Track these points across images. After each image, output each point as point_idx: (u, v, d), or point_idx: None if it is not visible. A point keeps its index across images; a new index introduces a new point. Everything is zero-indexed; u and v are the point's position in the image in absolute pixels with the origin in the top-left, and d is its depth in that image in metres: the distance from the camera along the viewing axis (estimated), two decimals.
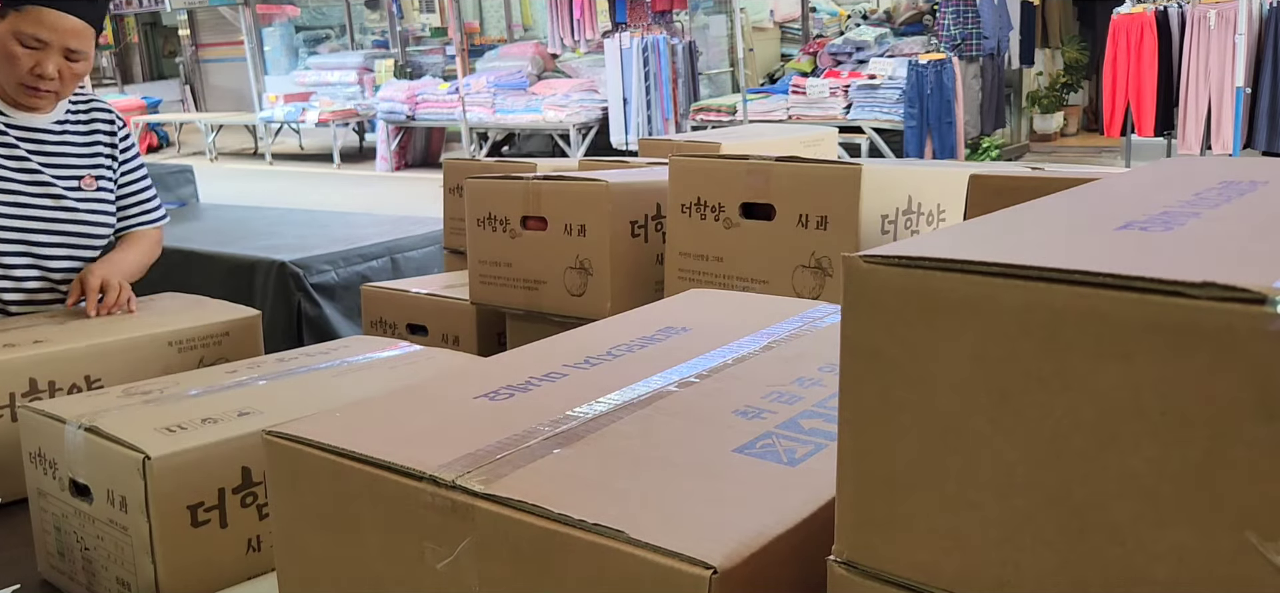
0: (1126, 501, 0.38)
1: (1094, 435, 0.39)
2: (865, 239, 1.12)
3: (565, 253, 1.33)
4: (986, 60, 7.91)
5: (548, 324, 1.35)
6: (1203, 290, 0.36)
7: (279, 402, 1.02)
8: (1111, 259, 0.40)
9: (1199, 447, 0.37)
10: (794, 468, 0.58)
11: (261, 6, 11.99)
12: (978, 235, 0.47)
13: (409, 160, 10.68)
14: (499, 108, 9.68)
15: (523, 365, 0.77)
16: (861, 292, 0.44)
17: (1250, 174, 0.59)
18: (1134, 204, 0.52)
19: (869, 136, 7.72)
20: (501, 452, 0.60)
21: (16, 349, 1.29)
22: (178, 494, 0.91)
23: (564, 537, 0.52)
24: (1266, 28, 6.62)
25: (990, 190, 0.98)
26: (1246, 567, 0.36)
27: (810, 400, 0.68)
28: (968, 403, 0.42)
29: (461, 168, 1.88)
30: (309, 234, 2.82)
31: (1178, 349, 0.36)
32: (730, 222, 1.22)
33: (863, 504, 0.46)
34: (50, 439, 1.00)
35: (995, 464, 0.42)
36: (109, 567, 0.96)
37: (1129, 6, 7.15)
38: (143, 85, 14.79)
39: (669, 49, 8.83)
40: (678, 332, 0.85)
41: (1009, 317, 0.40)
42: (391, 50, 11.49)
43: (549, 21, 10.10)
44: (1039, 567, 0.41)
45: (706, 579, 0.47)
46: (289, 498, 0.66)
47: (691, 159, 1.27)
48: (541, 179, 1.36)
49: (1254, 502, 0.36)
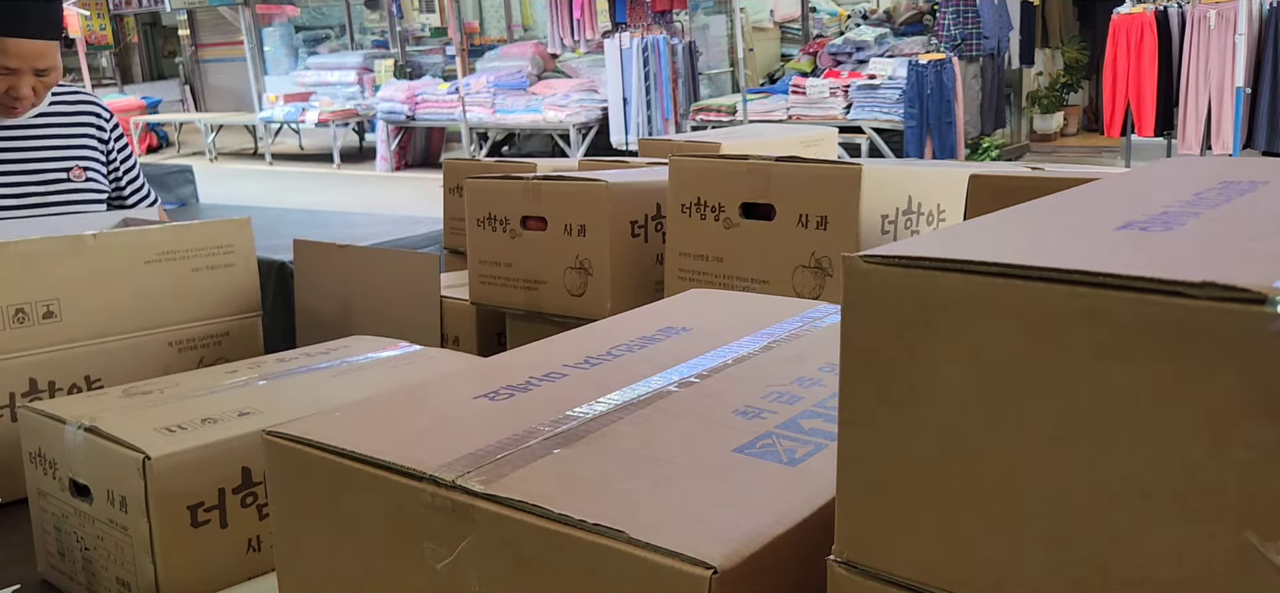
0: (1126, 501, 0.38)
1: (1094, 435, 0.39)
2: (865, 239, 1.12)
3: (565, 253, 1.33)
4: (986, 60, 7.92)
5: (548, 324, 1.35)
6: (1203, 290, 0.36)
7: (279, 402, 1.02)
8: (1111, 259, 0.40)
9: (1199, 447, 0.37)
10: (794, 468, 0.58)
11: (261, 6, 12.00)
12: (978, 235, 0.47)
13: (409, 160, 10.69)
14: (499, 108, 9.68)
15: (523, 365, 0.77)
16: (861, 292, 0.44)
17: (1250, 174, 0.59)
18: (1134, 204, 0.52)
19: (869, 136, 7.72)
20: (501, 452, 0.60)
21: (17, 349, 1.29)
22: (178, 494, 0.91)
23: (564, 537, 0.52)
24: (1266, 28, 6.63)
25: (990, 190, 0.98)
26: (1246, 567, 0.36)
27: (810, 400, 0.68)
28: (968, 403, 0.42)
29: (461, 168, 1.88)
30: (309, 234, 2.81)
31: (1178, 349, 0.36)
32: (730, 222, 1.22)
33: (863, 504, 0.46)
34: (50, 439, 1.00)
35: (995, 464, 0.42)
36: (109, 567, 0.96)
37: (1129, 6, 7.15)
38: (142, 85, 14.79)
39: (669, 49, 8.83)
40: (678, 332, 0.85)
41: (1009, 317, 0.40)
42: (391, 50, 11.50)
43: (549, 21, 10.10)
44: (1039, 567, 0.41)
45: (706, 579, 0.47)
46: (289, 498, 0.66)
47: (691, 159, 1.27)
48: (541, 179, 1.36)
49: (1254, 502, 0.36)
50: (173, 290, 1.41)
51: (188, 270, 1.42)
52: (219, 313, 1.46)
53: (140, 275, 1.38)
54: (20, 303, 1.28)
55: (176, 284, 1.41)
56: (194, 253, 1.42)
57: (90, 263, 1.34)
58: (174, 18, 14.59)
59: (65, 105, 1.78)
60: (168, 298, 1.40)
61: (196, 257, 1.43)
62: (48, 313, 1.30)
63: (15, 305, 1.28)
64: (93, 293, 1.34)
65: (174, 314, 1.42)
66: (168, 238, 1.41)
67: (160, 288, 1.40)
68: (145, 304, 1.38)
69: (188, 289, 1.42)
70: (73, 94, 1.83)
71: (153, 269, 1.39)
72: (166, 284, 1.40)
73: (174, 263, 1.41)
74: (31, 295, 1.29)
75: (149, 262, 1.39)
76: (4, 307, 1.27)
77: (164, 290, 1.40)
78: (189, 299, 1.42)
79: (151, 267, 1.39)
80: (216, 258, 1.44)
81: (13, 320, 1.27)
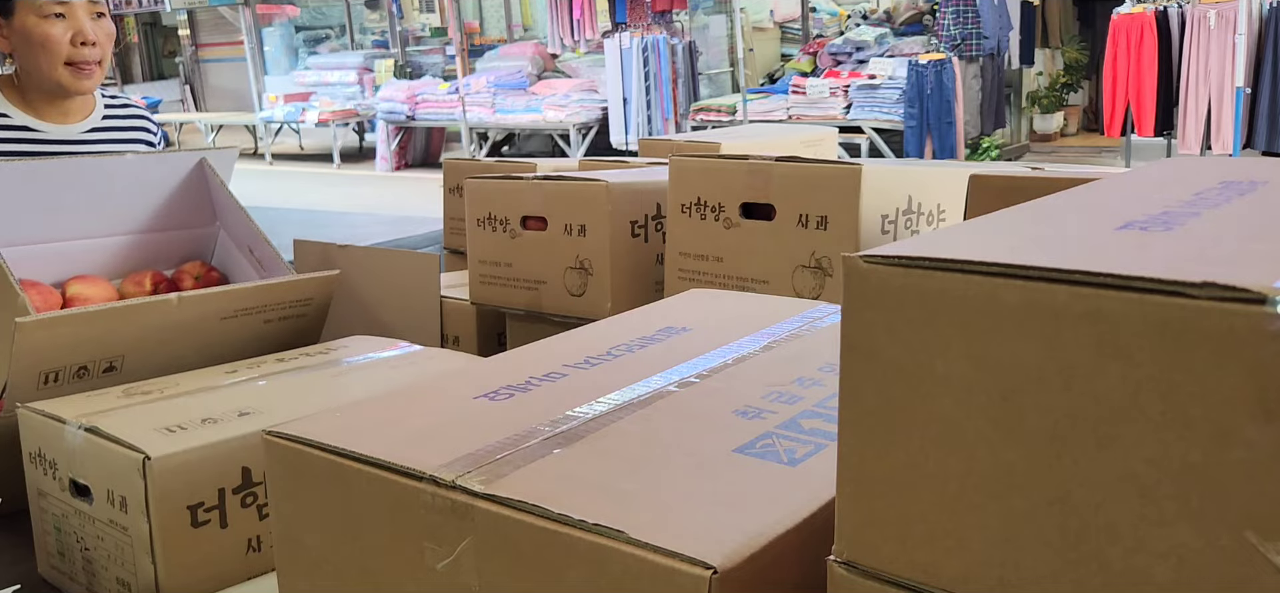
0: (1126, 501, 0.38)
1: (1094, 435, 0.39)
2: (865, 239, 1.12)
3: (565, 253, 1.33)
4: (986, 60, 7.92)
5: (548, 324, 1.35)
6: (1203, 290, 0.36)
7: (279, 402, 1.02)
8: (1111, 259, 0.40)
9: (1199, 447, 0.37)
10: (794, 468, 0.58)
11: (261, 6, 12.00)
12: (978, 235, 0.47)
13: (409, 160, 10.69)
14: (499, 108, 9.68)
15: (523, 365, 0.77)
16: (861, 292, 0.44)
17: (1250, 174, 0.59)
18: (1134, 204, 0.52)
19: (869, 136, 7.73)
20: (501, 452, 0.60)
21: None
22: (178, 494, 0.91)
23: (564, 537, 0.52)
24: (1266, 28, 6.63)
25: (990, 190, 0.98)
26: (1246, 567, 0.36)
27: (810, 400, 0.68)
28: (968, 403, 0.42)
29: (461, 168, 1.88)
30: (309, 234, 2.81)
31: (1178, 349, 0.36)
32: (730, 222, 1.22)
33: (863, 504, 0.46)
34: (50, 439, 1.00)
35: (995, 464, 0.42)
36: (109, 567, 0.96)
37: (1129, 6, 7.15)
38: (142, 85, 14.78)
39: (669, 49, 8.83)
40: (678, 332, 0.85)
41: (1009, 317, 0.40)
42: (391, 50, 11.50)
43: (549, 21, 10.10)
44: (1039, 567, 0.41)
45: (706, 579, 0.47)
46: (289, 498, 0.66)
47: (691, 159, 1.27)
48: (541, 179, 1.36)
49: (1254, 502, 0.36)
50: (240, 343, 1.31)
51: (260, 323, 1.32)
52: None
53: (212, 331, 1.28)
54: (84, 362, 1.18)
55: (246, 336, 1.31)
56: (273, 307, 1.33)
57: (166, 320, 1.24)
58: (174, 18, 14.58)
59: (118, 118, 1.75)
60: (233, 351, 1.30)
61: (273, 310, 1.33)
62: (109, 368, 1.21)
63: (78, 364, 1.18)
64: (158, 348, 1.24)
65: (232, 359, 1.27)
66: (252, 296, 1.31)
67: (229, 342, 1.30)
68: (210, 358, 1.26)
69: (255, 339, 1.33)
70: (125, 105, 1.79)
71: (227, 325, 1.29)
72: (236, 338, 1.31)
73: (250, 318, 1.31)
74: (97, 354, 1.19)
75: (225, 319, 1.29)
76: (67, 365, 1.16)
77: (232, 344, 1.30)
78: (253, 347, 1.32)
79: (227, 322, 1.29)
80: (292, 311, 1.35)
81: (73, 377, 1.18)
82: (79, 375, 1.19)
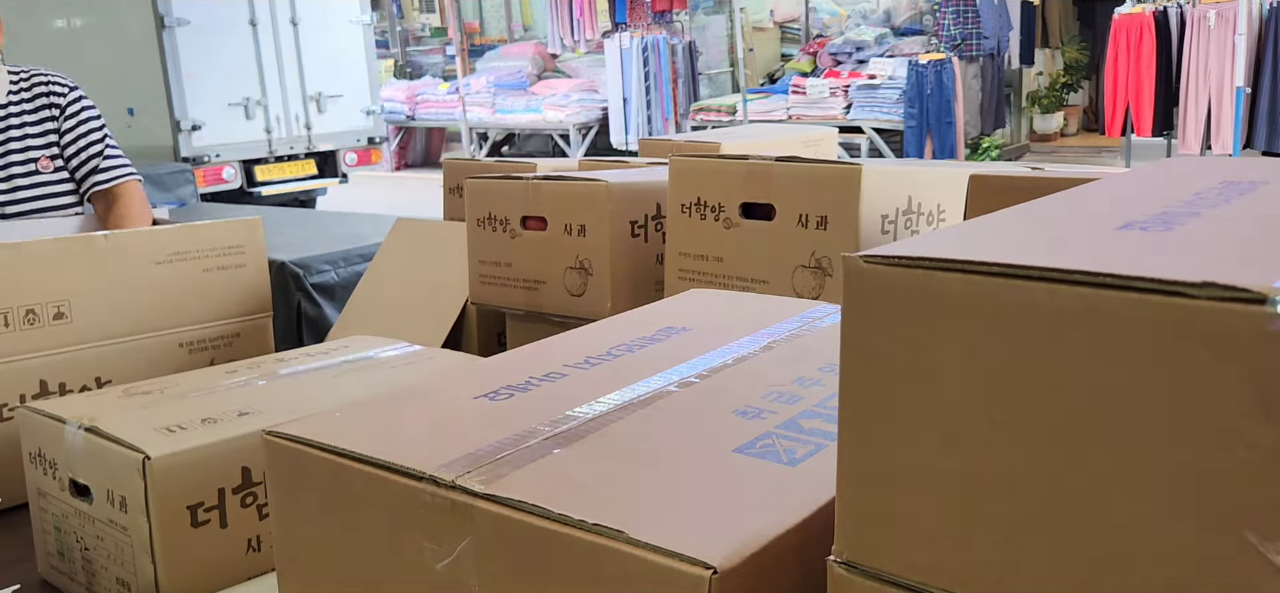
0: (1126, 501, 0.38)
1: (1094, 436, 0.39)
2: (865, 239, 1.12)
3: (565, 253, 1.33)
4: (986, 60, 7.92)
5: (548, 324, 1.35)
6: (1203, 290, 0.36)
7: (279, 402, 1.02)
8: (1111, 259, 0.40)
9: (1199, 447, 0.37)
10: (794, 468, 0.58)
11: None
12: (978, 235, 0.47)
13: (409, 160, 10.69)
14: (499, 108, 9.68)
15: (523, 365, 0.77)
16: (861, 292, 0.44)
17: (1250, 174, 0.59)
18: (1134, 204, 0.52)
19: (869, 137, 7.73)
20: (501, 452, 0.60)
21: (28, 351, 1.28)
22: (178, 494, 0.91)
23: (564, 537, 0.52)
24: (1266, 28, 6.63)
25: (990, 190, 0.98)
26: (1246, 567, 0.36)
27: (810, 400, 0.68)
28: (968, 403, 0.42)
29: (461, 168, 1.88)
30: (309, 234, 2.82)
31: (1178, 349, 0.36)
32: (730, 222, 1.22)
33: (863, 504, 0.46)
34: (50, 439, 1.00)
35: (995, 464, 0.42)
36: (109, 567, 0.96)
37: (1129, 6, 7.16)
38: None
39: (669, 49, 8.83)
40: (678, 332, 0.85)
41: (1009, 317, 0.40)
42: (391, 50, 11.50)
43: (549, 21, 10.10)
44: (1039, 567, 0.41)
45: (706, 579, 0.47)
46: (289, 498, 0.66)
47: (691, 159, 1.27)
48: (541, 179, 1.36)
49: (1254, 502, 0.36)
50: (184, 291, 1.40)
51: (199, 271, 1.41)
52: (230, 314, 1.46)
53: (151, 276, 1.37)
54: (31, 304, 1.28)
55: (188, 285, 1.40)
56: (205, 253, 1.42)
57: (101, 264, 1.33)
58: None
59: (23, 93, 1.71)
60: (179, 299, 1.39)
61: (208, 257, 1.42)
62: (58, 314, 1.29)
63: (26, 306, 1.27)
64: (104, 294, 1.33)
65: (185, 315, 1.41)
66: (179, 238, 1.40)
67: (171, 289, 1.39)
68: (156, 305, 1.37)
69: (199, 290, 1.41)
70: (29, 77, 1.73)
71: (164, 270, 1.38)
72: (178, 285, 1.39)
73: (185, 263, 1.40)
74: (42, 296, 1.29)
75: (160, 262, 1.38)
76: (14, 308, 1.26)
77: (175, 291, 1.39)
78: (200, 300, 1.42)
79: (163, 267, 1.38)
80: (228, 258, 1.44)
81: (23, 321, 1.27)
82: (29, 319, 1.27)
